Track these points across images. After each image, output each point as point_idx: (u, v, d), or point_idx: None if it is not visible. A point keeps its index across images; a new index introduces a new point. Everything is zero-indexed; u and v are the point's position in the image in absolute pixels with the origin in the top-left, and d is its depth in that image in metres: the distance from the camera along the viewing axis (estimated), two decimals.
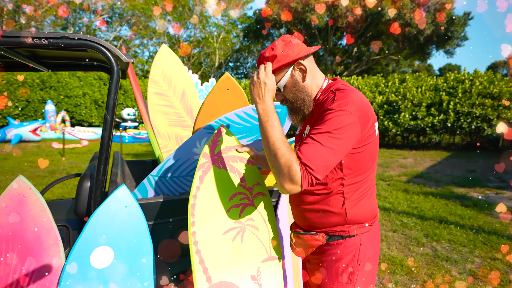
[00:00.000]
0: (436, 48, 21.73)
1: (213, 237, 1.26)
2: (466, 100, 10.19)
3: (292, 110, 1.18)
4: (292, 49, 1.11)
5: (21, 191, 1.30)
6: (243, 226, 1.34)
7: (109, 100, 1.34)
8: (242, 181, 1.38)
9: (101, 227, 1.32)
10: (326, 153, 0.95)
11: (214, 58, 27.41)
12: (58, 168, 7.04)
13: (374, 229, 1.16)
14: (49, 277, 1.31)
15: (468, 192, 5.53)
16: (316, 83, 1.17)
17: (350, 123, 0.98)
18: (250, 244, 1.35)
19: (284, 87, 1.16)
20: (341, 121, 0.98)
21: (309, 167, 0.94)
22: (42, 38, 1.19)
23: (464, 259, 3.07)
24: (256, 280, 1.31)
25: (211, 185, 1.29)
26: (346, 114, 0.99)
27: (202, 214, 1.25)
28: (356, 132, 1.00)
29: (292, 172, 0.94)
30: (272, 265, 1.38)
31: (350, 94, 1.05)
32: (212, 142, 1.33)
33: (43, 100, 15.96)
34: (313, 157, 0.94)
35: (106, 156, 1.37)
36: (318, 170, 0.94)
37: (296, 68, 1.13)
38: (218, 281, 1.23)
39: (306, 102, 1.15)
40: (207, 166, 1.30)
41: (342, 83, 1.13)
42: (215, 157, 1.32)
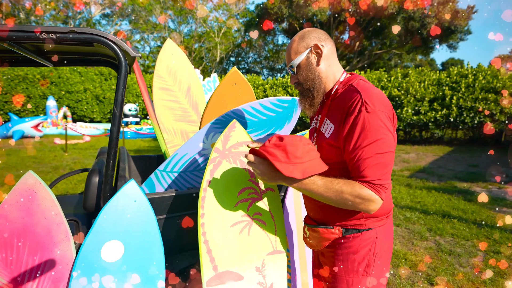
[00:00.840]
0: (439, 42, 21.56)
1: (221, 229, 1.29)
2: (469, 95, 10.14)
3: (302, 93, 1.20)
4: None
5: (31, 186, 1.31)
6: (251, 219, 1.36)
7: (117, 95, 1.34)
8: (252, 176, 1.39)
9: (111, 222, 1.33)
10: (381, 160, 1.00)
11: (216, 53, 27.30)
12: (61, 163, 7.07)
13: (389, 222, 1.17)
14: (60, 271, 1.32)
15: (471, 187, 5.53)
16: (332, 72, 1.17)
17: (386, 121, 1.02)
18: (257, 237, 1.37)
19: (298, 67, 1.18)
20: (378, 123, 1.00)
21: (372, 183, 1.00)
22: (50, 32, 1.19)
23: (467, 252, 3.08)
24: (261, 271, 1.34)
25: (222, 179, 1.31)
26: (379, 114, 1.01)
27: (212, 207, 1.28)
28: (391, 126, 1.04)
29: (365, 197, 1.00)
30: (277, 259, 1.40)
31: (372, 91, 1.05)
32: (224, 137, 1.34)
33: (44, 96, 15.97)
34: (372, 171, 0.99)
35: (114, 151, 1.37)
36: (383, 178, 1.00)
37: (313, 51, 1.15)
38: (224, 270, 1.26)
39: (316, 85, 1.16)
40: (218, 161, 1.31)
41: (362, 79, 1.13)
42: (226, 152, 1.33)
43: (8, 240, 1.27)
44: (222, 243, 1.28)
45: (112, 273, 1.33)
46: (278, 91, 13.59)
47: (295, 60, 1.17)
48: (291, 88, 13.40)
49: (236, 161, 1.36)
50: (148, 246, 1.39)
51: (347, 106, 1.05)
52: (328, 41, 1.17)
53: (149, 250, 1.40)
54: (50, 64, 2.04)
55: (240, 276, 1.27)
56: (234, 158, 1.35)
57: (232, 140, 1.36)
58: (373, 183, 0.99)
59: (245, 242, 1.32)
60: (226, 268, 1.26)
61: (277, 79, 14.71)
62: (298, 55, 1.16)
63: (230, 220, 1.31)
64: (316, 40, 1.15)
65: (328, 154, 1.13)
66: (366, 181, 1.00)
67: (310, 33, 1.17)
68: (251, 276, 1.29)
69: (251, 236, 1.35)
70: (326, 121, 1.16)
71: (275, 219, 1.42)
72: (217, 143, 1.33)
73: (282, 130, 1.73)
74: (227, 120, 1.66)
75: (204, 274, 1.20)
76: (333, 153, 1.12)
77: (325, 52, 1.15)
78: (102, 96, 17.78)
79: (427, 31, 19.13)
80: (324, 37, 1.17)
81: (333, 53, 1.19)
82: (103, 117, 17.99)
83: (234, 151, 1.35)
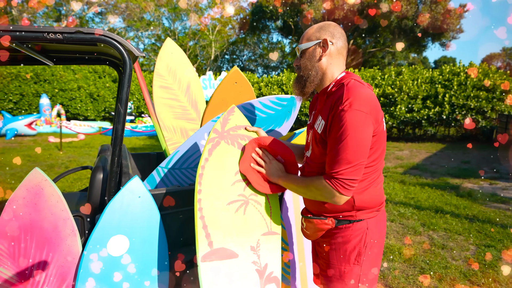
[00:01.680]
0: (431, 40, 21.78)
1: (218, 206, 1.31)
2: (461, 93, 10.30)
3: (297, 78, 1.26)
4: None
5: (37, 183, 1.34)
6: (247, 199, 1.38)
7: (122, 93, 1.37)
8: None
9: (116, 217, 1.37)
10: (345, 156, 1.04)
11: (210, 51, 27.21)
12: (56, 162, 7.03)
13: (380, 215, 1.22)
14: (66, 265, 1.36)
15: (463, 183, 5.66)
16: (331, 71, 1.21)
17: (361, 120, 1.05)
18: (252, 217, 1.39)
19: (303, 53, 1.23)
20: (352, 121, 1.04)
21: (334, 177, 1.06)
22: (57, 33, 1.22)
23: (460, 246, 3.17)
24: (255, 251, 1.37)
25: (219, 159, 1.34)
26: (357, 113, 1.04)
27: (209, 184, 1.30)
28: (370, 127, 1.07)
29: (323, 190, 1.09)
30: (272, 239, 1.43)
31: (358, 90, 1.09)
32: (223, 120, 1.38)
33: (37, 94, 15.78)
34: (337, 165, 1.05)
35: (119, 149, 1.41)
36: (344, 173, 1.04)
37: (321, 45, 1.20)
38: (219, 247, 1.28)
39: (311, 77, 1.21)
40: (217, 141, 1.34)
41: (355, 78, 1.17)
42: (225, 133, 1.36)
43: (15, 235, 1.30)
44: (218, 220, 1.30)
45: (118, 266, 1.37)
46: (273, 89, 13.63)
47: (303, 45, 1.22)
48: (286, 86, 13.46)
49: (234, 143, 1.38)
50: (152, 240, 1.43)
51: (333, 103, 1.11)
52: (341, 40, 1.20)
53: (153, 244, 1.44)
54: (50, 63, 2.06)
55: (235, 253, 1.30)
56: (232, 140, 1.38)
57: (231, 123, 1.39)
58: (334, 177, 1.06)
59: (241, 221, 1.35)
60: (221, 245, 1.29)
61: (272, 77, 14.74)
62: (308, 42, 1.21)
63: (226, 198, 1.33)
64: (329, 36, 1.18)
65: (320, 149, 1.19)
66: (328, 174, 1.08)
67: (328, 27, 1.20)
68: (245, 255, 1.32)
69: (247, 216, 1.37)
70: (318, 117, 1.22)
71: (270, 201, 1.45)
72: (216, 124, 1.36)
73: (281, 127, 1.78)
74: None
75: (199, 249, 1.23)
76: (323, 149, 1.17)
77: (331, 50, 1.19)
78: (96, 94, 17.63)
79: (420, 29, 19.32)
80: (338, 35, 1.20)
81: (341, 53, 1.22)
82: (97, 115, 17.85)
83: (233, 133, 1.38)
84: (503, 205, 4.44)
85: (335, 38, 1.19)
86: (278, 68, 33.83)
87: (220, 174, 1.33)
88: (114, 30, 26.23)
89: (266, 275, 1.37)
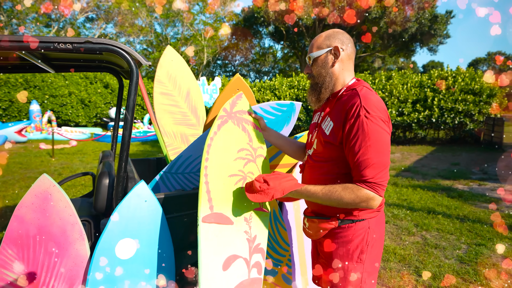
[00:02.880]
0: (420, 45, 22.29)
1: (221, 175, 1.41)
2: (450, 96, 10.56)
3: (312, 86, 1.32)
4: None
5: (45, 188, 1.37)
6: (245, 175, 1.49)
7: (129, 101, 1.42)
8: (250, 141, 1.54)
9: (124, 221, 1.41)
10: (378, 160, 1.11)
11: (202, 56, 27.28)
12: (49, 169, 6.96)
13: (380, 215, 1.29)
14: (75, 269, 1.38)
15: (453, 184, 5.80)
16: (343, 76, 1.28)
17: (382, 124, 1.13)
18: None
19: (315, 61, 1.28)
20: (375, 126, 1.11)
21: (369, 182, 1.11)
22: (67, 43, 1.26)
23: (452, 245, 3.27)
24: (248, 222, 1.48)
25: (226, 135, 1.44)
26: (376, 118, 1.12)
27: (215, 155, 1.40)
28: (388, 131, 1.15)
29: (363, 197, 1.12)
30: (262, 215, 1.55)
31: (373, 98, 1.17)
32: (232, 102, 1.49)
33: (27, 100, 15.57)
34: (370, 171, 1.11)
35: (126, 154, 1.45)
36: (379, 177, 1.11)
37: (332, 52, 1.26)
38: (218, 212, 1.38)
39: (325, 83, 1.27)
40: (225, 119, 1.45)
41: (366, 86, 1.24)
42: (232, 114, 1.48)
43: (25, 240, 1.33)
44: (220, 187, 1.40)
45: (126, 269, 1.40)
46: (265, 93, 13.74)
47: (315, 53, 1.27)
48: (279, 90, 13.58)
49: (240, 124, 1.50)
50: (159, 243, 1.47)
51: (348, 109, 1.16)
52: (350, 46, 1.28)
53: (160, 247, 1.47)
54: (52, 70, 2.09)
55: (231, 221, 1.40)
56: (238, 122, 1.49)
57: (238, 106, 1.51)
58: (370, 181, 1.11)
59: (239, 193, 1.45)
60: (220, 210, 1.38)
61: (264, 81, 14.86)
62: (319, 50, 1.27)
63: (229, 171, 1.44)
64: (339, 43, 1.25)
65: (325, 149, 1.25)
66: (363, 180, 1.12)
67: (337, 34, 1.27)
68: (239, 224, 1.43)
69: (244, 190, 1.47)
70: (327, 118, 1.27)
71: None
72: (226, 104, 1.47)
73: (281, 131, 1.84)
74: None
75: (201, 211, 1.32)
76: (328, 149, 1.24)
77: (342, 56, 1.26)
78: (88, 100, 17.48)
79: (408, 35, 19.76)
80: (347, 42, 1.27)
81: (350, 59, 1.29)
82: (88, 121, 17.68)
83: (239, 116, 1.50)
84: (492, 205, 4.58)
85: (345, 44, 1.26)
86: (270, 73, 34.08)
87: (225, 149, 1.43)
88: (106, 35, 26.11)
89: (255, 245, 1.47)
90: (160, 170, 2.64)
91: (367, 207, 1.15)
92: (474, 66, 37.32)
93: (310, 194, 1.21)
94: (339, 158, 1.22)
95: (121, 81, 2.42)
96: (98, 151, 9.65)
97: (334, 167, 1.24)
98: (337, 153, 1.22)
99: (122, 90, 2.46)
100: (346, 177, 1.21)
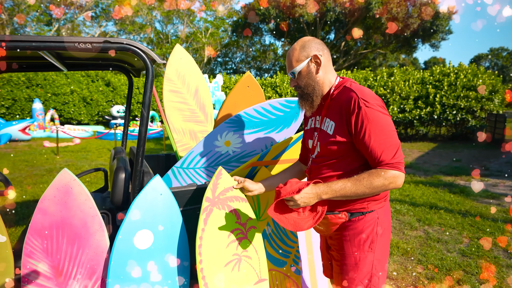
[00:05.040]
0: (422, 41, 22.23)
1: (217, 270, 1.49)
2: (452, 93, 10.59)
3: (302, 96, 1.36)
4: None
5: (66, 182, 1.43)
6: (240, 257, 1.58)
7: (145, 98, 1.47)
8: (238, 218, 1.60)
9: (141, 213, 1.47)
10: (391, 142, 1.19)
11: (203, 54, 27.27)
12: (55, 166, 7.04)
13: (387, 204, 1.35)
14: (96, 258, 1.45)
15: (455, 180, 5.86)
16: (328, 78, 1.35)
17: (382, 109, 1.21)
18: (245, 271, 1.60)
19: (299, 73, 1.33)
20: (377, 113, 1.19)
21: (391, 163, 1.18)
22: (87, 42, 1.32)
23: (454, 240, 3.33)
24: None
25: (214, 226, 1.51)
26: (375, 105, 1.20)
27: (208, 252, 1.48)
28: (387, 113, 1.23)
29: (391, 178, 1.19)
30: (262, 286, 1.63)
31: (365, 89, 1.25)
32: (213, 186, 1.53)
33: (29, 99, 15.64)
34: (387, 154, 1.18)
35: (143, 149, 1.51)
36: (397, 156, 1.19)
37: (312, 60, 1.31)
38: None
39: (315, 91, 1.33)
40: (210, 209, 1.51)
41: (353, 81, 1.32)
42: (216, 199, 1.53)
43: (48, 231, 1.39)
44: (219, 282, 1.50)
45: (144, 259, 1.47)
46: (267, 91, 13.78)
47: (297, 68, 1.32)
48: (280, 88, 13.62)
49: (225, 206, 1.55)
50: (174, 234, 1.54)
51: (346, 105, 1.24)
52: (326, 50, 1.34)
53: (175, 237, 1.54)
54: (65, 69, 2.15)
55: None
56: (222, 204, 1.55)
57: (220, 187, 1.55)
58: (391, 162, 1.18)
59: (236, 277, 1.55)
60: None
61: (265, 79, 14.89)
62: (300, 63, 1.31)
63: (224, 261, 1.52)
64: (316, 51, 1.30)
65: (330, 149, 1.30)
66: (385, 163, 1.19)
67: (310, 43, 1.32)
68: None
69: (241, 271, 1.58)
70: (326, 119, 1.33)
71: (258, 252, 1.65)
72: (207, 192, 1.51)
73: (289, 128, 1.89)
74: (240, 120, 1.81)
75: None
76: (336, 148, 1.28)
77: (323, 62, 1.32)
78: (90, 98, 17.54)
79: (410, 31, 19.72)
80: (322, 47, 1.33)
81: (329, 61, 1.35)
82: (90, 119, 17.76)
83: (222, 197, 1.55)
84: (494, 201, 4.63)
85: (320, 50, 1.31)
86: (270, 70, 34.06)
87: (217, 241, 1.51)
88: (106, 33, 26.13)
89: None
90: (169, 166, 2.70)
91: (395, 187, 1.21)
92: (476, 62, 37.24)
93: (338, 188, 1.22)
94: (348, 154, 1.27)
95: (130, 79, 2.48)
96: (102, 149, 9.73)
97: (344, 163, 1.29)
98: (346, 149, 1.27)
99: (132, 88, 2.52)
100: (359, 170, 1.26)
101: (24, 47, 1.23)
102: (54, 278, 1.40)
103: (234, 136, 1.85)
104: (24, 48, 1.23)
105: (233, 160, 1.91)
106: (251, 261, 1.61)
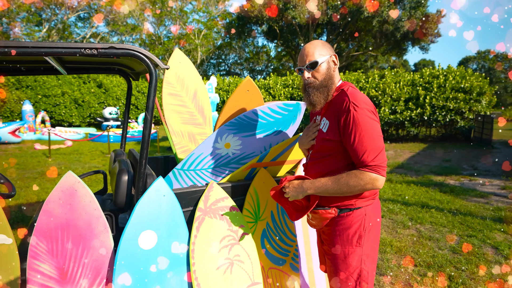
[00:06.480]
0: (411, 44, 22.62)
1: (209, 273, 1.57)
2: (441, 95, 10.82)
3: (318, 89, 1.40)
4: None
5: (71, 185, 1.46)
6: (232, 261, 1.67)
7: (148, 102, 1.51)
8: (229, 226, 1.69)
9: (145, 214, 1.51)
10: (374, 146, 1.25)
11: (196, 55, 27.23)
12: (47, 169, 6.96)
13: (376, 202, 1.43)
14: (100, 259, 1.48)
15: (445, 180, 6.00)
16: (337, 80, 1.45)
17: (370, 114, 1.28)
18: (238, 274, 1.68)
19: (319, 66, 1.39)
20: (364, 117, 1.26)
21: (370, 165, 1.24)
22: (93, 48, 1.36)
23: (445, 237, 3.43)
24: None
25: (206, 233, 1.61)
26: (364, 110, 1.28)
27: (200, 256, 1.56)
28: (377, 120, 1.30)
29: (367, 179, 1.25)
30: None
31: (359, 94, 1.33)
32: (205, 197, 1.64)
33: (19, 100, 15.41)
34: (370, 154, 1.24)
35: (146, 152, 1.55)
36: (378, 159, 1.24)
37: (332, 60, 1.42)
38: None
39: (331, 85, 1.41)
40: (202, 218, 1.60)
41: (352, 86, 1.41)
42: (208, 209, 1.63)
43: (53, 233, 1.42)
44: (211, 284, 1.57)
45: (148, 259, 1.50)
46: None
47: (320, 59, 1.38)
48: (273, 89, 13.70)
49: (216, 215, 1.65)
50: (177, 235, 1.58)
51: (338, 106, 1.33)
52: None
53: (177, 237, 1.58)
54: (65, 72, 2.17)
55: None
56: (214, 214, 1.64)
57: (211, 198, 1.65)
58: (370, 165, 1.25)
59: (229, 280, 1.62)
60: None
61: (259, 80, 14.96)
62: (322, 56, 1.39)
63: (215, 264, 1.60)
64: (332, 52, 1.43)
65: (324, 146, 1.40)
66: (364, 165, 1.26)
67: (328, 45, 1.44)
68: None
69: (233, 275, 1.65)
70: (323, 119, 1.44)
71: (251, 257, 1.72)
72: (200, 203, 1.62)
73: (287, 130, 1.95)
74: (239, 122, 1.86)
75: None
76: (327, 145, 1.38)
77: (338, 64, 1.44)
78: (81, 99, 17.36)
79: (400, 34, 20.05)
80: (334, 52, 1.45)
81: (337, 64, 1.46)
82: (82, 121, 17.57)
83: (214, 207, 1.64)
84: (482, 199, 4.77)
85: (334, 52, 1.44)
86: (263, 71, 34.18)
87: (208, 246, 1.59)
88: (98, 34, 25.89)
89: None
90: (167, 168, 2.73)
91: (373, 188, 1.27)
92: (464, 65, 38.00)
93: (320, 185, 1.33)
94: (337, 152, 1.37)
95: (130, 83, 2.50)
96: (95, 151, 9.66)
97: (334, 161, 1.38)
98: (335, 148, 1.36)
99: (131, 91, 2.55)
100: (345, 169, 1.34)
101: (33, 53, 1.26)
102: (59, 279, 1.43)
103: (234, 139, 1.90)
104: (33, 54, 1.26)
105: (233, 161, 1.96)
106: (243, 265, 1.69)
